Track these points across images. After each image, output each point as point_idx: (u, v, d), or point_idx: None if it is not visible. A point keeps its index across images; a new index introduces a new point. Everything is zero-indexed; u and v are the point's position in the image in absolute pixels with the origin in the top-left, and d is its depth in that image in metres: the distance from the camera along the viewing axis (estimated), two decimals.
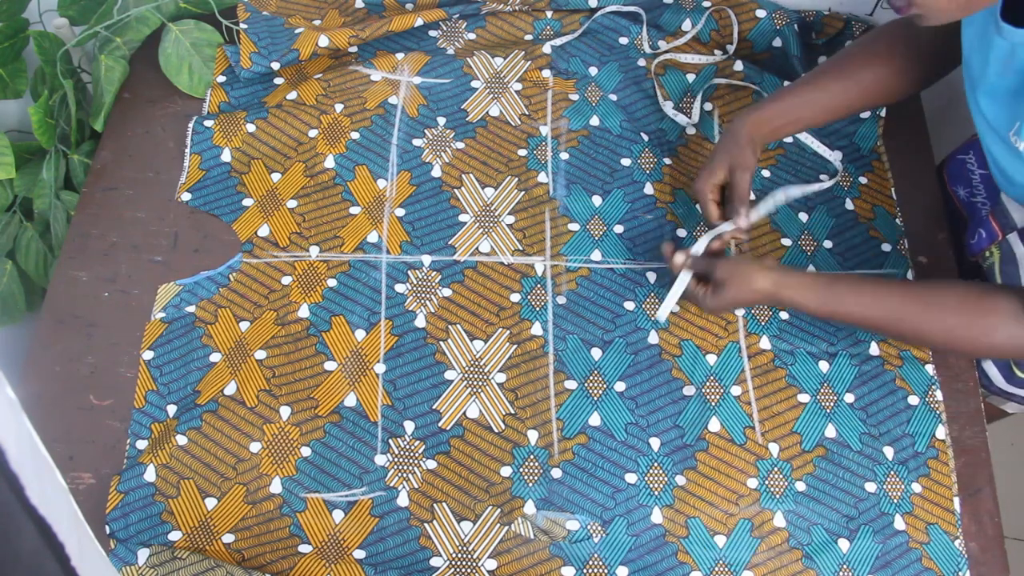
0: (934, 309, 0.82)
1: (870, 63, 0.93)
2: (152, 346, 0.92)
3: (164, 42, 1.07)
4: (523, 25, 1.14)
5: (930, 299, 0.83)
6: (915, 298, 0.83)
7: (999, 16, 0.73)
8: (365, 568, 0.83)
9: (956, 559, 0.87)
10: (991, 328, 0.79)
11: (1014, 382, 0.98)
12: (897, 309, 0.83)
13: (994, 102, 0.79)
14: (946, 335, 0.82)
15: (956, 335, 0.81)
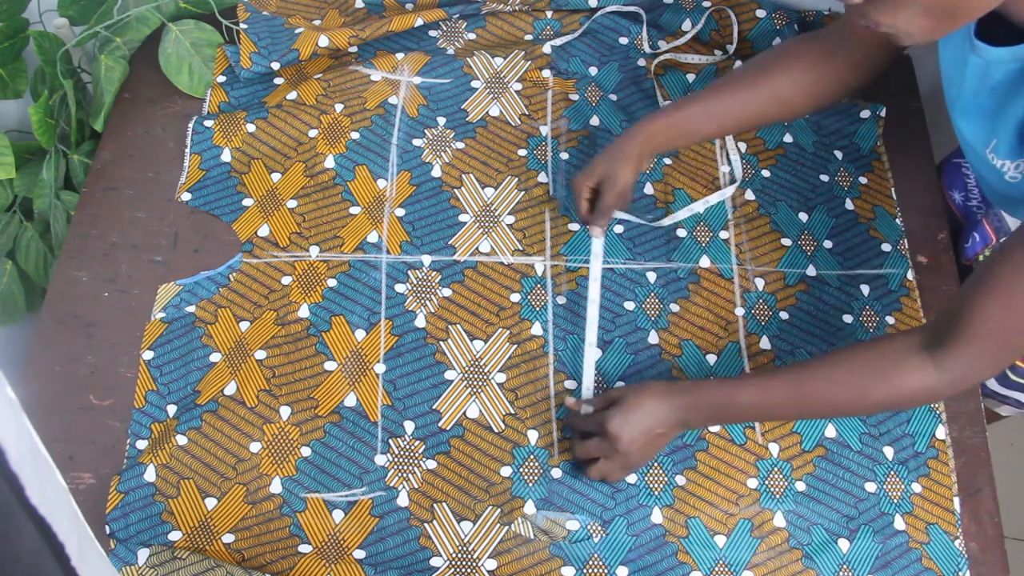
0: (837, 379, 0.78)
1: (779, 75, 0.90)
2: (152, 346, 0.92)
3: (164, 42, 1.07)
4: (523, 25, 1.14)
5: (829, 365, 0.79)
6: (815, 370, 0.80)
7: (973, 35, 0.73)
8: (365, 568, 0.83)
9: (956, 559, 0.87)
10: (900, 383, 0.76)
11: (1008, 385, 0.98)
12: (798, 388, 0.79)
13: (971, 120, 0.80)
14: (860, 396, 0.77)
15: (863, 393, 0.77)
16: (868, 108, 1.09)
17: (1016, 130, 0.73)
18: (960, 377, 0.74)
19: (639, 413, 0.82)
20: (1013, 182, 0.78)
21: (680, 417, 0.82)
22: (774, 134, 1.08)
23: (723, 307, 0.97)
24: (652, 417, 0.82)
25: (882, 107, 1.10)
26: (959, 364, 0.73)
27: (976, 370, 0.75)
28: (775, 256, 1.00)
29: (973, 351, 0.72)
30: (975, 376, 0.76)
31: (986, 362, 0.74)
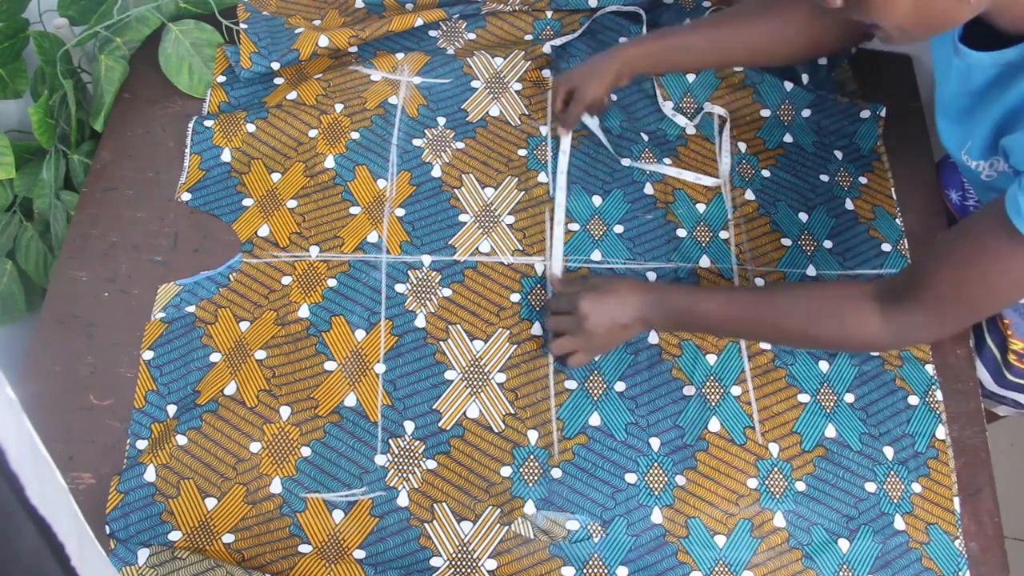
0: (789, 306, 0.83)
1: (760, 22, 0.93)
2: (152, 346, 0.92)
3: (164, 42, 1.07)
4: (523, 25, 1.14)
5: (785, 293, 0.85)
6: (773, 296, 0.85)
7: (958, 39, 0.75)
8: (365, 568, 0.83)
9: (956, 559, 0.87)
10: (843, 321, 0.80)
11: (1005, 385, 0.99)
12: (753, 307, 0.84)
13: (949, 122, 0.81)
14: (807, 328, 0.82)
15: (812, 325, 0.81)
16: (868, 108, 1.09)
17: (990, 133, 0.75)
18: (902, 334, 0.78)
19: (610, 298, 0.87)
20: (990, 180, 0.79)
21: (646, 313, 0.87)
22: (774, 134, 1.08)
23: None
24: (621, 305, 0.87)
25: (882, 107, 1.10)
26: (904, 322, 0.77)
27: (919, 331, 0.78)
28: (775, 256, 1.00)
29: (920, 313, 0.76)
30: (916, 336, 0.80)
31: (929, 325, 0.77)
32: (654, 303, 0.87)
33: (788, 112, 1.09)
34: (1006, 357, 0.96)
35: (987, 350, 0.98)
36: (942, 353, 0.96)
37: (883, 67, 1.17)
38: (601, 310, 0.87)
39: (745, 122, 1.09)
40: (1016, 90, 0.70)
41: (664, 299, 0.87)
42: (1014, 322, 0.94)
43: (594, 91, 0.98)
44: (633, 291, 0.87)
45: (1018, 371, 0.96)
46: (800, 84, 1.10)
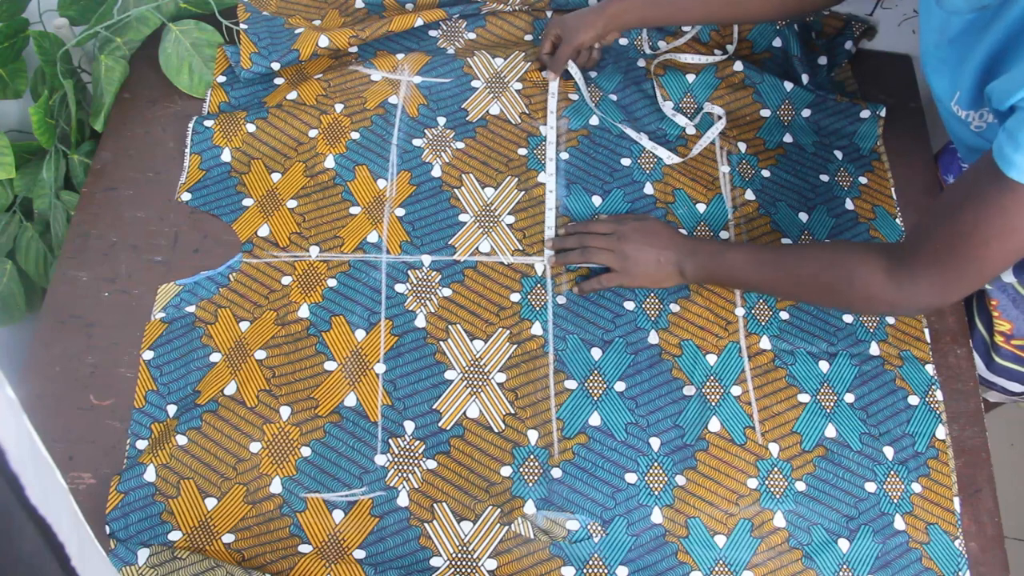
0: (807, 261, 0.86)
1: None
2: (152, 346, 0.92)
3: (164, 42, 1.07)
4: (523, 25, 1.14)
5: (807, 248, 0.89)
6: (793, 249, 0.91)
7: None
8: (365, 568, 0.83)
9: (956, 559, 0.87)
10: (852, 277, 0.81)
11: (994, 370, 0.99)
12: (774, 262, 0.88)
13: (937, 74, 0.81)
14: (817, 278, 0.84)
15: (825, 277, 0.83)
16: (868, 108, 1.09)
17: (974, 81, 0.75)
18: (906, 294, 0.78)
19: (656, 237, 0.94)
20: (979, 131, 0.80)
21: (681, 261, 0.92)
22: (774, 134, 1.08)
23: (723, 307, 0.97)
24: (664, 246, 0.93)
25: (882, 107, 1.10)
26: (906, 281, 0.78)
27: (921, 291, 0.77)
28: None
29: (920, 271, 0.76)
30: (919, 296, 0.78)
31: (931, 285, 0.77)
32: (689, 252, 0.92)
33: (788, 112, 1.09)
34: (993, 339, 0.97)
35: (977, 333, 0.99)
36: (942, 353, 0.97)
37: (883, 67, 1.17)
38: (647, 240, 0.93)
39: (745, 122, 1.09)
40: (993, 35, 0.70)
41: (698, 249, 0.92)
42: (1001, 303, 0.96)
43: (581, 36, 1.03)
44: (673, 237, 0.94)
45: (1005, 353, 0.97)
46: (800, 84, 1.10)
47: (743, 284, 0.94)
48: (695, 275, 0.93)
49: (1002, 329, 0.96)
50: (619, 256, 0.93)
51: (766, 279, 0.89)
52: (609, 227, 0.96)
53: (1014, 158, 0.65)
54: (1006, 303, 0.95)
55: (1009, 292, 0.96)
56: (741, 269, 0.89)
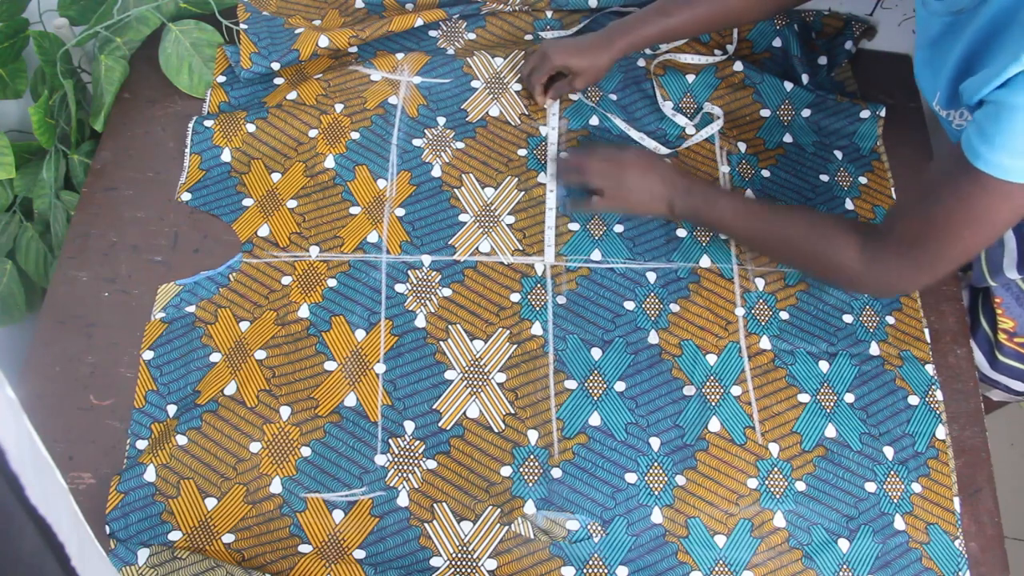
0: (793, 224, 0.88)
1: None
2: (152, 346, 0.92)
3: (164, 42, 1.07)
4: (523, 25, 1.14)
5: (794, 210, 0.92)
6: (781, 208, 0.93)
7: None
8: (365, 568, 0.83)
9: (956, 559, 0.87)
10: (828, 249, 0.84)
11: (998, 368, 0.99)
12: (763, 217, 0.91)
13: (922, 75, 0.84)
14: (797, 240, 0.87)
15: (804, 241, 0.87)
16: (868, 108, 1.09)
17: (950, 80, 0.77)
18: (875, 271, 0.82)
19: (652, 170, 0.96)
20: (959, 129, 0.81)
21: (672, 196, 0.94)
22: (774, 134, 1.08)
23: (723, 307, 0.97)
24: (658, 176, 0.95)
25: (882, 107, 1.10)
26: (877, 258, 0.81)
27: (891, 270, 0.81)
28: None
29: (891, 251, 0.80)
30: (889, 276, 0.81)
31: (901, 267, 0.80)
32: (683, 190, 0.94)
33: (788, 112, 1.09)
34: (997, 337, 0.97)
35: (981, 331, 1.00)
36: (942, 353, 0.97)
37: (883, 67, 1.17)
38: (645, 172, 0.95)
39: (745, 122, 1.09)
40: (968, 36, 0.72)
41: (692, 189, 0.94)
42: (1005, 300, 0.96)
43: (594, 76, 1.03)
44: (670, 173, 0.96)
45: (1008, 351, 0.98)
46: (800, 84, 1.10)
47: (728, 232, 0.97)
48: (683, 214, 0.96)
49: (1005, 327, 0.97)
50: (614, 181, 0.96)
51: (750, 233, 0.93)
52: (610, 153, 0.98)
53: (980, 150, 0.68)
54: (1010, 301, 0.96)
55: (1013, 290, 0.96)
56: (730, 219, 0.92)
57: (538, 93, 1.06)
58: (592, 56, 1.01)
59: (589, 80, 1.03)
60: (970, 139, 0.69)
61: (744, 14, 1.00)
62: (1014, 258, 0.93)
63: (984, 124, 0.68)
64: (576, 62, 1.01)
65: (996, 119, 0.66)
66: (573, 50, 1.01)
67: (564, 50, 1.02)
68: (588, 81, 1.03)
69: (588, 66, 1.01)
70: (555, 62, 1.02)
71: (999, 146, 0.67)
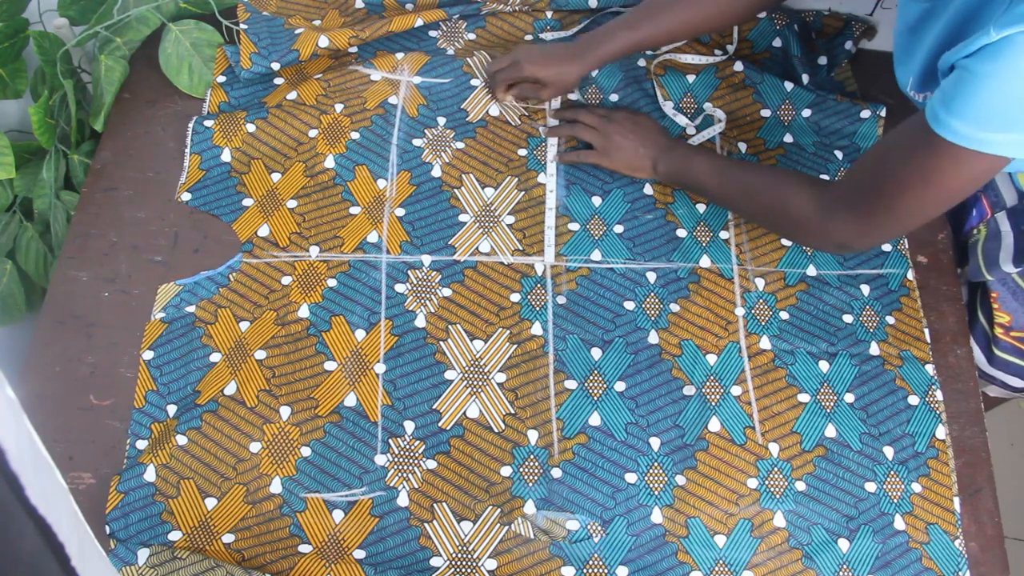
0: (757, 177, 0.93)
1: None
2: (152, 346, 0.92)
3: (164, 42, 1.07)
4: (523, 25, 1.14)
5: (764, 167, 0.97)
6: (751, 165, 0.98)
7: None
8: (365, 568, 0.83)
9: (956, 559, 0.87)
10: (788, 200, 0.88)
11: (995, 364, 1.00)
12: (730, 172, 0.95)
13: (900, 63, 0.85)
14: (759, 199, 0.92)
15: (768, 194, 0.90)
16: (868, 108, 1.09)
17: (925, 62, 0.79)
18: (829, 223, 0.85)
19: (641, 128, 1.02)
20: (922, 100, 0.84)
21: (656, 155, 1.00)
22: (774, 134, 1.08)
23: (723, 307, 0.97)
24: (646, 135, 1.01)
25: (882, 107, 1.10)
26: (832, 210, 0.84)
27: (844, 224, 0.83)
28: (775, 256, 1.00)
29: (845, 204, 0.83)
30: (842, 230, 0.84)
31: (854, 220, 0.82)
32: (666, 150, 1.00)
33: (788, 112, 1.09)
34: (993, 331, 0.98)
35: (979, 326, 1.00)
36: (942, 353, 0.97)
37: (883, 67, 1.16)
38: (634, 131, 1.01)
39: (745, 122, 1.09)
40: (944, 19, 0.74)
41: (674, 149, 1.00)
42: (1001, 295, 0.97)
43: (566, 88, 1.04)
44: (657, 134, 1.02)
45: (1004, 345, 0.98)
46: (800, 84, 1.10)
47: (703, 190, 0.99)
48: (665, 173, 1.00)
49: (1001, 321, 0.97)
50: (604, 137, 1.01)
51: (719, 189, 0.96)
52: (603, 111, 1.04)
53: (939, 114, 0.69)
54: (1006, 295, 0.96)
55: (1009, 284, 0.96)
56: (703, 175, 0.96)
57: (500, 90, 1.05)
58: (561, 68, 1.01)
59: (556, 92, 1.04)
60: (932, 103, 0.71)
61: (707, 24, 1.00)
62: (1010, 252, 0.93)
63: (947, 89, 0.69)
64: (545, 74, 1.01)
65: (957, 83, 0.68)
66: (543, 61, 1.01)
67: (534, 61, 1.01)
68: (555, 93, 1.04)
69: (555, 79, 1.01)
70: (524, 72, 1.01)
71: (955, 111, 0.68)
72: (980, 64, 0.66)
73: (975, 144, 0.68)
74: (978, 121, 0.67)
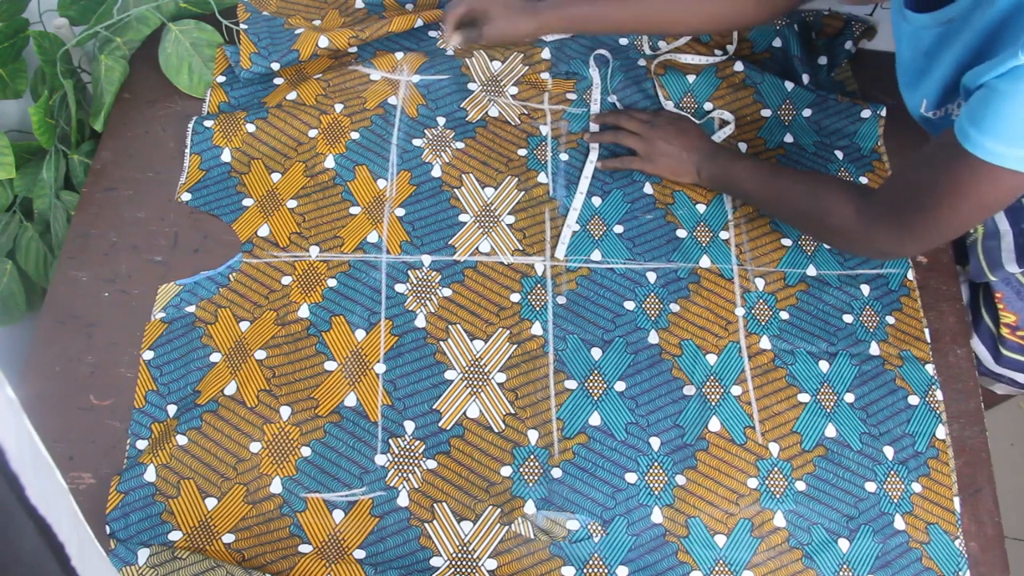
0: (797, 183, 0.92)
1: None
2: (152, 346, 0.92)
3: (164, 42, 1.07)
4: None
5: (802, 171, 0.98)
6: (789, 170, 0.97)
7: (903, 5, 0.81)
8: (365, 568, 0.83)
9: (956, 559, 0.87)
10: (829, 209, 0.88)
11: (1002, 363, 1.00)
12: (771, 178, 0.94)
13: (908, 85, 0.86)
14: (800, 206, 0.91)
15: (807, 198, 0.90)
16: (869, 108, 1.09)
17: (940, 88, 0.80)
18: (868, 232, 0.85)
19: (685, 130, 1.02)
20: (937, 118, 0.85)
21: (700, 160, 1.00)
22: (775, 134, 1.08)
23: (723, 307, 0.97)
24: (689, 141, 1.01)
25: (883, 107, 1.10)
26: (870, 219, 0.85)
27: (882, 234, 0.84)
28: (775, 256, 1.00)
29: (883, 215, 0.83)
30: (880, 239, 0.85)
31: (891, 231, 0.83)
32: (709, 155, 1.00)
33: (789, 112, 1.09)
34: (999, 331, 0.98)
35: (984, 325, 1.00)
36: (942, 353, 0.97)
37: (883, 67, 1.16)
38: (678, 136, 1.01)
39: (746, 122, 1.09)
40: (962, 40, 0.75)
41: (718, 154, 1.00)
42: (1006, 295, 0.97)
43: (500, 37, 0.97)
44: (701, 139, 1.02)
45: (1011, 345, 0.98)
46: (801, 84, 1.10)
47: (745, 196, 1.00)
48: (709, 178, 1.01)
49: (1007, 321, 0.97)
50: (648, 143, 1.01)
51: (760, 194, 0.96)
52: (646, 116, 1.04)
53: (970, 132, 0.70)
54: (1011, 295, 0.96)
55: (1013, 284, 0.96)
56: (744, 179, 0.96)
57: (448, 29, 0.98)
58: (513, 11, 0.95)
59: (497, 34, 0.96)
60: (961, 121, 0.71)
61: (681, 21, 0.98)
62: (1012, 252, 0.93)
63: (976, 107, 0.70)
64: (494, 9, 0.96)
65: (986, 102, 0.69)
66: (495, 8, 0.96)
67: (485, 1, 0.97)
68: (497, 34, 0.96)
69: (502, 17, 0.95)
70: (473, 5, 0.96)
71: (986, 130, 0.69)
72: (1009, 84, 0.67)
73: (1006, 161, 0.69)
74: (1008, 139, 0.68)
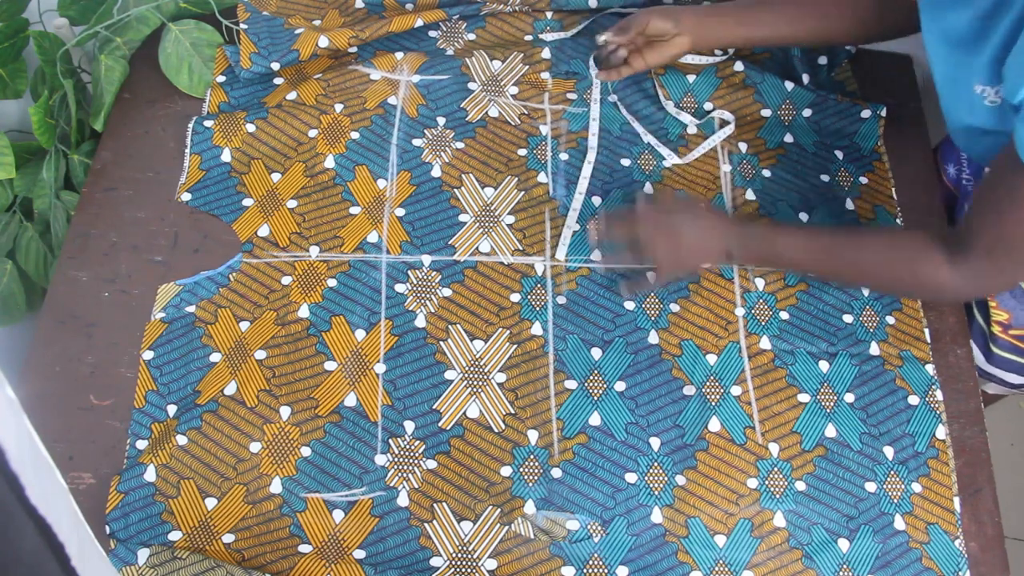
0: (866, 250, 0.87)
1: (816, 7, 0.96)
2: (152, 346, 0.92)
3: (164, 42, 1.07)
4: (523, 26, 1.14)
5: (861, 237, 0.89)
6: (849, 236, 0.90)
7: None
8: (365, 568, 0.83)
9: (956, 559, 0.87)
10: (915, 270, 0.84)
11: (993, 361, 1.00)
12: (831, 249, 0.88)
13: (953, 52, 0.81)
14: (876, 272, 0.87)
15: (887, 269, 0.86)
16: (869, 108, 1.09)
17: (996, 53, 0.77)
18: (971, 282, 0.82)
19: (701, 217, 0.91)
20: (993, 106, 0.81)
21: (728, 243, 0.91)
22: (775, 134, 1.08)
23: (723, 307, 0.97)
24: (710, 226, 0.91)
25: (883, 107, 1.10)
26: (969, 271, 0.81)
27: (983, 279, 0.82)
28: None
29: (979, 261, 0.79)
30: (984, 283, 0.84)
31: (992, 273, 0.81)
32: (738, 237, 0.91)
33: (789, 112, 1.09)
34: (991, 329, 0.98)
35: (975, 324, 1.00)
36: (942, 353, 0.97)
37: (883, 67, 1.17)
38: (699, 233, 0.90)
39: (746, 122, 1.09)
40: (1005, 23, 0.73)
41: (748, 234, 0.91)
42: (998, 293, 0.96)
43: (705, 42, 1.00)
44: (722, 225, 0.91)
45: (1003, 343, 0.98)
46: (800, 84, 1.10)
47: (795, 268, 0.96)
48: (744, 259, 0.95)
49: (999, 319, 0.97)
50: (671, 252, 0.90)
51: (819, 267, 0.91)
52: (657, 218, 0.91)
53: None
54: (1003, 293, 0.96)
55: None
56: (795, 256, 0.89)
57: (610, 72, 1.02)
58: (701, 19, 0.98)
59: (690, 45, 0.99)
60: (1021, 139, 0.70)
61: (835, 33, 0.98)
62: None
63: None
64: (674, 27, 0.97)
65: None
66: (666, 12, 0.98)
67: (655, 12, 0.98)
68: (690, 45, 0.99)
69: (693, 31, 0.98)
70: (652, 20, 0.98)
71: None
72: None
73: None
74: None
